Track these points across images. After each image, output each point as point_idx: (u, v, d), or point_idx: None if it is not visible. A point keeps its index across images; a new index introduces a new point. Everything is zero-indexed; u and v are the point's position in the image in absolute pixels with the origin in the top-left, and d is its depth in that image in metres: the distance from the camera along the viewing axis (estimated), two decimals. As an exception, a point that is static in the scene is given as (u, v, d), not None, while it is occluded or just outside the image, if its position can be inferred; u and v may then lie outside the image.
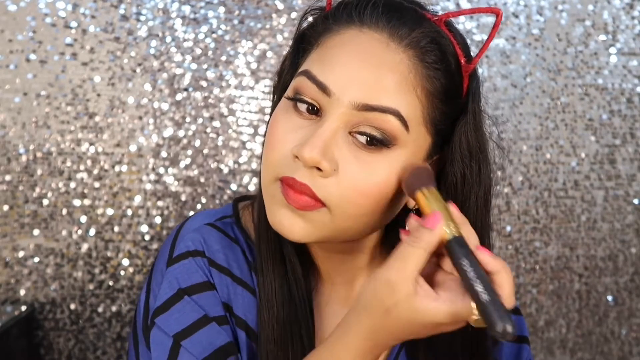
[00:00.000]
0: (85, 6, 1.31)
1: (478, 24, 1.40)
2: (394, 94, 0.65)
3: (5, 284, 1.32)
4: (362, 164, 0.65)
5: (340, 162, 0.65)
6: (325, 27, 0.70)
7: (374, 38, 0.67)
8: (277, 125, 0.68)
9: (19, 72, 1.30)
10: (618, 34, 1.45)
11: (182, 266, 0.73)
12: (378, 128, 0.65)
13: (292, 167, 0.66)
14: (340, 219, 0.67)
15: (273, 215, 0.68)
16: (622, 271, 1.49)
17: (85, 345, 1.35)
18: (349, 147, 0.66)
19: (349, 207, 0.66)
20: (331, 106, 0.66)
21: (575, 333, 1.48)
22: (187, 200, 1.35)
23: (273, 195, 0.68)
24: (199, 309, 0.71)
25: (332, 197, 0.65)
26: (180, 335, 0.70)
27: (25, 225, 1.32)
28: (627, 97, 1.46)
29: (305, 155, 0.64)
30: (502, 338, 0.52)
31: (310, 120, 0.67)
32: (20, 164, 1.31)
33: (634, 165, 1.47)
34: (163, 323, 0.71)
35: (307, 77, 0.67)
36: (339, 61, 0.67)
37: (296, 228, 0.67)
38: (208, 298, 0.72)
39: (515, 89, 1.42)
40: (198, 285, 0.72)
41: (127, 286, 1.34)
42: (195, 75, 1.34)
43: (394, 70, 0.66)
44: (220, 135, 1.35)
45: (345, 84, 0.65)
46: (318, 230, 0.67)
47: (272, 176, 0.68)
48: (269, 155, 0.68)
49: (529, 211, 1.45)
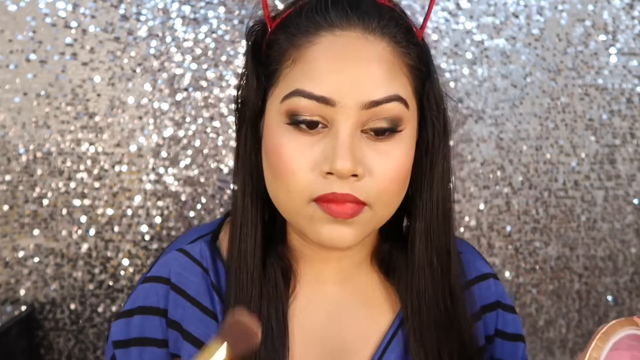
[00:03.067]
0: (85, 6, 1.31)
1: (478, 24, 1.40)
2: (390, 81, 0.68)
3: (5, 284, 1.32)
4: (383, 154, 0.68)
5: (366, 160, 0.67)
6: (290, 42, 0.70)
7: (352, 37, 0.68)
8: (285, 150, 0.68)
9: (19, 72, 1.30)
10: (618, 34, 1.45)
11: (147, 287, 0.76)
12: (386, 118, 0.67)
13: (324, 184, 0.67)
14: (380, 210, 0.69)
15: (319, 233, 0.69)
16: (622, 271, 1.49)
17: (85, 345, 1.35)
18: (367, 144, 0.68)
19: (386, 197, 0.69)
20: (338, 114, 0.66)
21: (575, 333, 1.48)
22: (187, 200, 1.35)
23: (312, 216, 0.68)
24: (138, 330, 0.74)
25: (371, 195, 0.67)
26: (118, 343, 0.74)
27: (25, 225, 1.32)
28: (627, 97, 1.46)
29: (341, 168, 0.65)
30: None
31: (319, 135, 0.68)
32: (20, 164, 1.31)
33: (634, 165, 1.47)
34: (114, 328, 0.75)
35: (303, 96, 0.67)
36: (329, 70, 0.67)
37: (347, 237, 0.68)
38: (150, 321, 0.75)
39: (515, 89, 1.42)
40: (149, 308, 0.75)
41: (127, 286, 1.34)
42: (195, 75, 1.34)
43: (382, 60, 0.68)
44: (220, 135, 1.35)
45: (345, 89, 0.66)
46: (364, 230, 0.70)
47: (303, 200, 0.68)
48: (290, 181, 0.68)
49: (529, 211, 1.45)
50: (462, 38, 1.39)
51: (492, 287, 0.83)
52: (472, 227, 1.43)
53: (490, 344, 0.82)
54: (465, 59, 1.40)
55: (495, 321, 0.83)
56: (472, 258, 0.84)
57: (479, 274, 0.83)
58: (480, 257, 0.86)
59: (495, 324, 0.82)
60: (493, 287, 0.83)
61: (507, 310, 0.83)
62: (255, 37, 0.75)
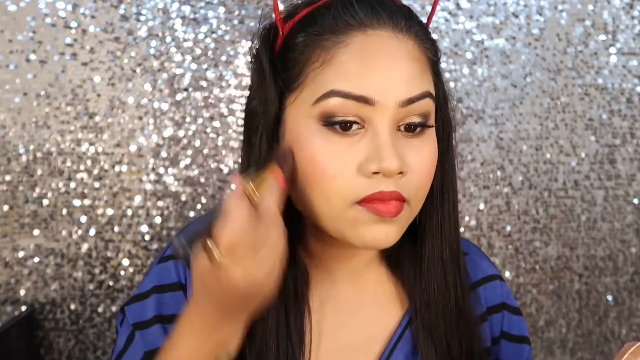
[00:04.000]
0: (85, 6, 1.31)
1: (478, 24, 1.40)
2: (422, 79, 0.69)
3: (5, 284, 1.32)
4: (419, 150, 0.69)
5: (405, 158, 0.68)
6: (318, 44, 0.69)
7: (383, 36, 0.69)
8: (323, 156, 0.67)
9: (19, 72, 1.30)
10: (618, 34, 1.45)
11: (163, 267, 0.76)
12: (420, 114, 0.69)
13: (370, 184, 0.67)
14: (416, 205, 0.70)
15: (364, 236, 0.68)
16: (622, 271, 1.49)
17: (85, 345, 1.35)
18: (404, 142, 0.68)
19: (421, 193, 0.70)
20: (376, 113, 0.67)
21: (575, 333, 1.48)
22: (187, 200, 1.35)
23: (355, 218, 0.68)
24: (157, 309, 0.74)
25: (411, 191, 0.68)
26: (137, 325, 0.73)
27: (25, 225, 1.32)
28: (627, 97, 1.46)
29: (391, 167, 0.66)
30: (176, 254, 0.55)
31: (357, 135, 0.67)
32: (20, 164, 1.31)
33: (634, 165, 1.47)
34: (129, 311, 0.74)
35: (340, 96, 0.66)
36: (364, 69, 0.67)
37: (391, 235, 0.69)
38: (172, 297, 0.74)
39: (515, 89, 1.42)
40: (168, 286, 0.75)
41: (127, 286, 1.34)
42: (195, 75, 1.34)
43: (413, 57, 0.69)
44: (220, 135, 1.35)
45: (384, 88, 0.67)
46: (404, 227, 0.70)
47: (346, 203, 0.68)
48: (331, 187, 0.67)
49: (529, 211, 1.45)
50: (462, 38, 1.39)
51: (498, 289, 0.83)
52: (472, 227, 1.43)
53: (496, 346, 0.82)
54: (465, 59, 1.40)
55: (501, 323, 0.83)
56: (478, 259, 0.85)
57: (485, 276, 0.83)
58: (486, 258, 0.86)
59: (501, 326, 0.83)
60: (499, 288, 0.83)
61: (512, 312, 0.84)
62: (267, 42, 0.74)
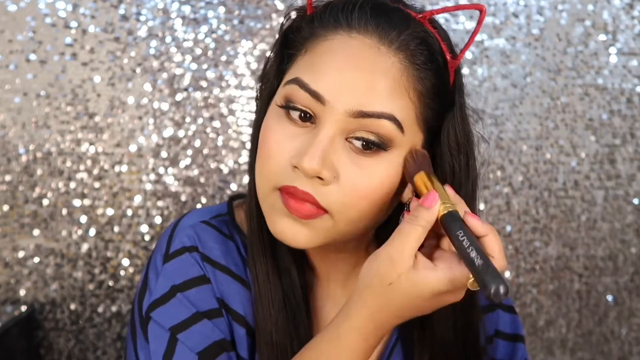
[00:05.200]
0: (85, 6, 1.31)
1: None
2: (388, 99, 0.66)
3: (5, 284, 1.32)
4: (361, 168, 0.66)
5: (339, 168, 0.65)
6: (311, 32, 0.70)
7: (365, 43, 0.67)
8: (271, 134, 0.68)
9: (19, 72, 1.30)
10: (618, 34, 1.45)
11: (177, 262, 0.73)
12: (374, 133, 0.65)
13: (291, 176, 0.66)
14: (343, 223, 0.67)
15: (275, 225, 0.68)
16: (622, 271, 1.49)
17: (85, 345, 1.35)
18: (347, 154, 0.66)
19: (351, 212, 0.67)
20: (326, 114, 0.65)
21: (575, 333, 1.48)
22: (187, 201, 1.35)
23: (273, 205, 0.68)
24: (190, 307, 0.71)
25: (334, 204, 0.66)
26: (176, 328, 0.70)
27: (25, 225, 1.32)
28: (627, 97, 1.46)
29: (306, 166, 0.64)
30: (496, 299, 0.54)
31: (305, 128, 0.67)
32: (20, 164, 1.31)
33: (634, 165, 1.47)
34: (159, 317, 0.71)
35: (299, 86, 0.66)
36: (331, 68, 0.66)
37: (300, 236, 0.67)
38: (199, 293, 0.72)
39: (515, 89, 1.42)
40: (191, 281, 0.73)
41: (127, 286, 1.34)
42: (195, 75, 1.34)
43: (387, 75, 0.66)
44: (220, 135, 1.35)
45: (339, 91, 0.65)
46: (321, 237, 0.68)
47: (270, 186, 0.68)
48: (265, 164, 0.68)
49: (529, 211, 1.45)
50: (462, 38, 1.39)
51: None
52: (472, 227, 1.43)
53: (490, 345, 0.82)
54: (465, 59, 1.40)
55: (495, 322, 0.83)
56: None
57: None
58: None
59: (496, 325, 0.83)
60: None
61: (506, 311, 0.84)
62: (291, 21, 0.74)
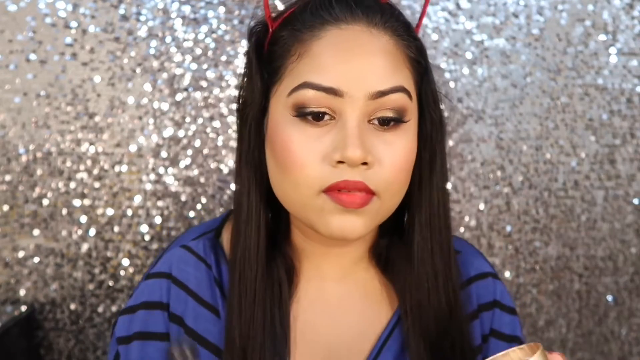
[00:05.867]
0: (85, 6, 1.31)
1: (478, 24, 1.40)
2: (395, 73, 0.70)
3: (5, 284, 1.32)
4: (389, 144, 0.69)
5: (373, 150, 0.68)
6: (296, 38, 0.71)
7: (357, 30, 0.70)
8: (294, 144, 0.69)
9: (19, 72, 1.30)
10: (618, 34, 1.45)
11: (149, 283, 0.77)
12: (392, 108, 0.69)
13: (334, 173, 0.68)
14: (388, 200, 0.70)
15: (330, 225, 0.69)
16: (622, 271, 1.49)
17: (85, 345, 1.35)
18: (374, 134, 0.69)
19: (393, 187, 0.70)
20: (346, 105, 0.68)
21: (575, 333, 1.48)
22: (187, 200, 1.35)
23: (322, 208, 0.69)
24: (139, 324, 0.75)
25: (380, 184, 0.69)
26: (120, 340, 0.75)
27: (25, 225, 1.32)
28: (627, 97, 1.46)
29: (352, 155, 0.66)
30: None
31: (327, 126, 0.69)
32: (20, 164, 1.31)
33: (634, 165, 1.47)
34: (117, 325, 0.76)
35: (311, 88, 0.68)
36: (335, 62, 0.68)
37: (357, 227, 0.69)
38: (151, 316, 0.76)
39: (515, 89, 1.42)
40: (149, 303, 0.76)
41: (127, 286, 1.35)
42: (195, 75, 1.34)
43: (386, 52, 0.70)
44: (220, 135, 1.35)
45: (353, 80, 0.68)
46: (373, 220, 0.71)
47: (312, 192, 0.69)
48: (299, 174, 0.69)
49: (529, 211, 1.45)
50: (462, 38, 1.39)
51: (491, 286, 0.83)
52: (472, 227, 1.43)
53: (486, 344, 0.82)
54: (465, 59, 1.40)
55: (491, 320, 0.82)
56: (471, 257, 0.84)
57: (478, 273, 0.83)
58: (481, 255, 0.86)
59: (491, 323, 0.82)
60: (492, 285, 0.83)
61: (505, 311, 0.83)
62: (257, 37, 0.76)
